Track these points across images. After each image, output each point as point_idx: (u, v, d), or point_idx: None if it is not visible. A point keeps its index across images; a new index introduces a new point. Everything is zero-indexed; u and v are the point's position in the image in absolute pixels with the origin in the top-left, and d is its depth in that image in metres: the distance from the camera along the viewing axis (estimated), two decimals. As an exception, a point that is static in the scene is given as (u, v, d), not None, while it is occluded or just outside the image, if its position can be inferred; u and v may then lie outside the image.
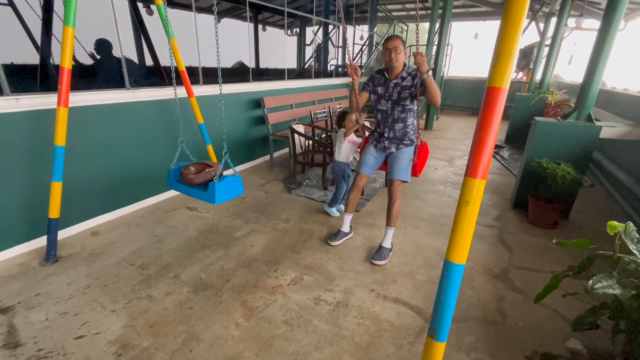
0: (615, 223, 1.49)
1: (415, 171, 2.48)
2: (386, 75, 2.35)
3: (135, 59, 3.20)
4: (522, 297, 2.12)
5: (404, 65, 2.30)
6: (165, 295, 2.04)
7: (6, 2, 2.39)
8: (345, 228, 2.71)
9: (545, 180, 2.91)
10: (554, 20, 7.35)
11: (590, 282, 1.37)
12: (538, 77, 7.70)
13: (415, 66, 2.19)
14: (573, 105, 3.22)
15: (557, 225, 3.08)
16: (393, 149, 2.44)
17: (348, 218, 2.69)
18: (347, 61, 2.28)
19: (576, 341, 1.76)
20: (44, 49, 2.52)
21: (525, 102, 6.19)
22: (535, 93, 6.35)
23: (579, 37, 7.85)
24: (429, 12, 8.86)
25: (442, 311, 1.06)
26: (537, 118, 3.21)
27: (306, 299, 2.05)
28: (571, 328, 1.53)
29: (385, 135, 2.43)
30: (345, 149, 2.94)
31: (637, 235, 1.49)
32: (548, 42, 7.38)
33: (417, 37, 2.20)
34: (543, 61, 7.46)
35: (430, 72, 2.07)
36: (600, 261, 1.58)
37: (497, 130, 0.94)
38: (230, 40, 4.24)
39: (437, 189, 3.97)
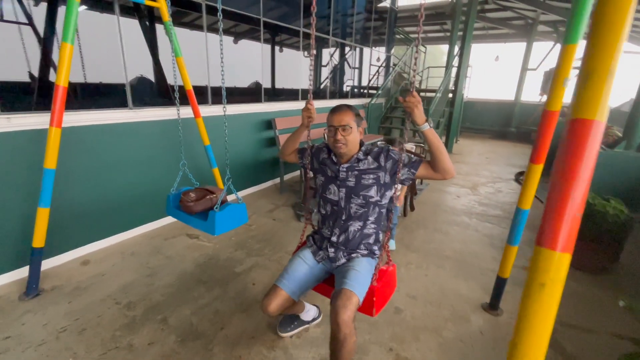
0: None
1: (372, 304, 1.44)
2: (333, 158, 1.57)
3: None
4: (576, 367, 1.72)
5: (361, 144, 1.55)
6: (148, 346, 1.76)
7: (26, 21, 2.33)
8: (307, 316, 1.90)
9: (592, 218, 2.52)
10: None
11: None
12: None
13: (378, 144, 1.59)
14: (619, 134, 2.86)
15: (606, 269, 2.65)
16: (342, 260, 1.57)
17: (308, 304, 1.92)
18: (307, 103, 1.51)
19: None
20: (44, 67, 2.41)
21: (557, 126, 5.79)
22: (565, 117, 5.95)
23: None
24: (448, 34, 8.71)
25: None
26: (578, 146, 2.85)
27: (311, 358, 1.72)
28: None
29: (333, 239, 1.58)
30: None
31: None
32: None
33: (415, 62, 1.37)
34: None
35: (431, 123, 1.37)
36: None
37: (588, 180, 0.65)
38: (247, 61, 4.13)
39: (462, 220, 3.60)
